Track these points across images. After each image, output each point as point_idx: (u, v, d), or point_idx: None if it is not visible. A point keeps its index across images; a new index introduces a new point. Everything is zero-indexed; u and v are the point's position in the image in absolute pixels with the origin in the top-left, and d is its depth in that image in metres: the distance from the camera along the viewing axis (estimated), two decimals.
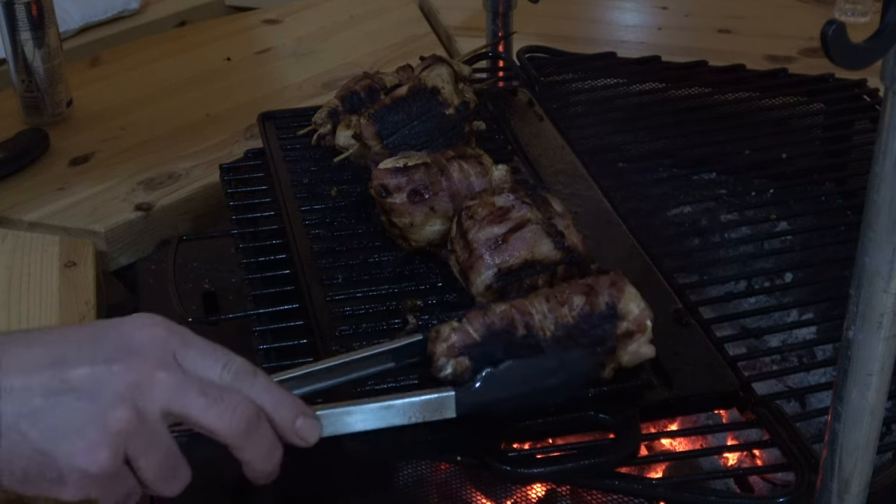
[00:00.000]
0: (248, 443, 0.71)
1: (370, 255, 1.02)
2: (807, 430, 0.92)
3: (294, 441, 0.73)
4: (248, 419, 0.70)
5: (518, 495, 0.98)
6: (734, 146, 1.30)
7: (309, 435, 0.73)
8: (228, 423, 0.70)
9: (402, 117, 1.07)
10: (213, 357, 0.71)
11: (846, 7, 1.63)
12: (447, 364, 0.80)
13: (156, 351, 0.70)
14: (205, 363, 0.71)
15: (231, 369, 0.71)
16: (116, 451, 0.67)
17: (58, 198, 1.31)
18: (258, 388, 0.72)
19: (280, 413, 0.72)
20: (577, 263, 0.92)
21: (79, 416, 0.67)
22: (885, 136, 0.64)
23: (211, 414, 0.69)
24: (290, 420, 0.72)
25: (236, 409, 0.70)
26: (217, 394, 0.70)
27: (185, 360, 0.70)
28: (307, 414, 0.74)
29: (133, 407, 0.67)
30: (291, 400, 0.73)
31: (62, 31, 1.49)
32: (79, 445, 0.67)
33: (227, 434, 0.70)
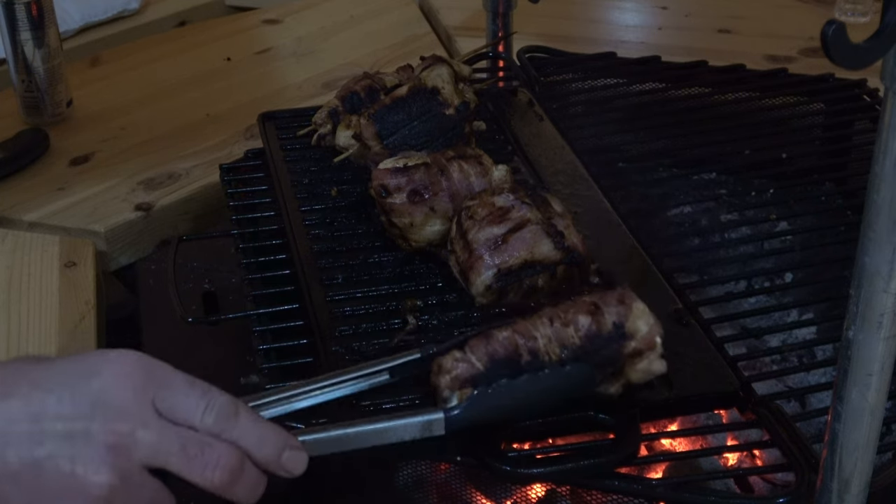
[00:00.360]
0: (233, 489, 0.71)
1: (370, 255, 1.02)
2: (807, 430, 0.92)
3: (280, 475, 0.73)
4: (231, 470, 0.70)
5: (518, 495, 0.98)
6: (734, 146, 1.30)
7: (295, 468, 0.73)
8: (210, 478, 0.69)
9: (402, 117, 1.07)
10: (194, 400, 0.70)
11: (846, 7, 1.63)
12: (452, 396, 0.80)
13: (134, 405, 0.69)
14: (185, 407, 0.70)
15: (212, 412, 0.70)
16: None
17: (58, 198, 1.31)
18: (240, 430, 0.71)
19: (264, 451, 0.72)
20: (577, 263, 0.92)
21: (61, 481, 0.66)
22: (885, 136, 0.64)
23: (193, 471, 0.69)
24: (275, 456, 0.72)
25: (217, 462, 0.69)
26: (198, 449, 0.69)
27: (164, 406, 0.69)
28: (292, 446, 0.73)
29: (114, 469, 0.67)
30: (275, 435, 0.72)
31: (62, 31, 1.48)
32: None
33: (210, 488, 0.70)
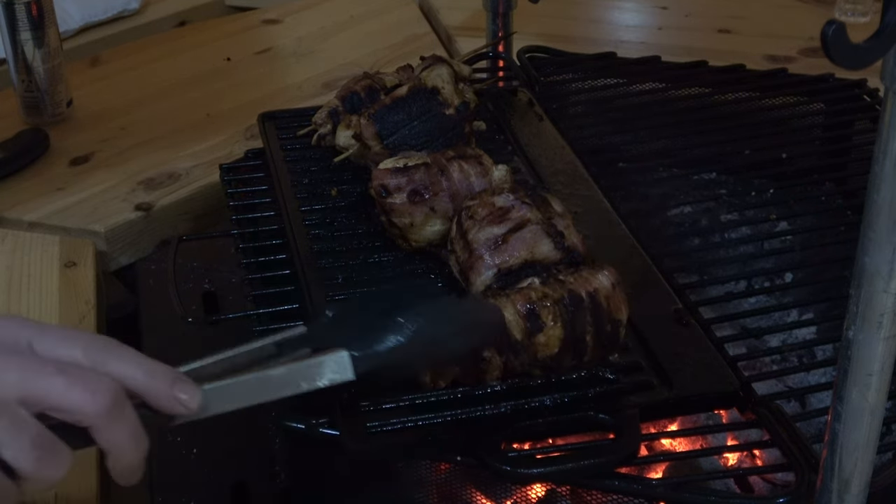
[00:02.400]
0: (113, 425, 0.65)
1: (370, 255, 1.02)
2: (807, 430, 0.92)
3: (175, 408, 0.68)
4: (114, 396, 0.65)
5: (518, 495, 0.98)
6: (734, 146, 1.30)
7: (189, 400, 0.68)
8: (91, 401, 0.64)
9: (402, 117, 1.07)
10: (73, 339, 0.67)
11: (846, 7, 1.63)
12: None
13: (8, 338, 0.66)
14: (64, 345, 0.66)
15: (94, 345, 0.67)
16: None
17: (58, 198, 1.31)
18: (126, 361, 0.67)
19: (155, 382, 0.67)
20: (577, 263, 0.92)
21: None
22: (885, 136, 0.64)
23: (73, 393, 0.64)
24: (166, 388, 0.67)
25: (98, 387, 0.64)
26: (78, 373, 0.65)
27: (43, 346, 0.66)
28: (184, 380, 0.68)
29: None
30: (165, 369, 0.68)
31: (62, 31, 1.48)
32: None
33: (90, 413, 0.64)
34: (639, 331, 0.90)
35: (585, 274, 0.83)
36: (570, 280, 0.83)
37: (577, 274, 0.83)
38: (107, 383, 0.65)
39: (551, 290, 0.82)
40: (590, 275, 0.83)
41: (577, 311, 0.82)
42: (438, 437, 0.82)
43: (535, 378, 0.84)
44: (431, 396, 0.83)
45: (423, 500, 0.97)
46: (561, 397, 0.84)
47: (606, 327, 0.84)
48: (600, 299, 0.83)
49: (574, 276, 0.83)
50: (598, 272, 0.84)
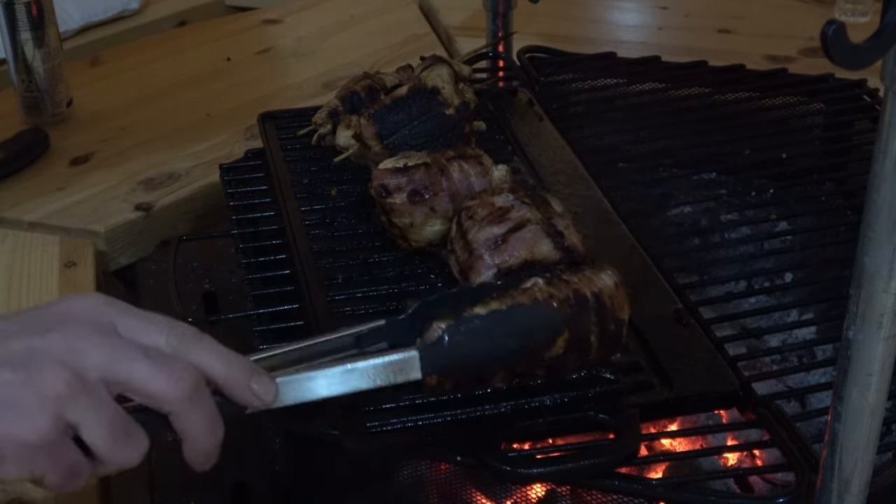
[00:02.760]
0: (192, 411, 0.67)
1: (370, 255, 1.02)
2: (807, 430, 0.92)
3: (250, 401, 0.70)
4: (195, 384, 0.66)
5: (518, 495, 0.98)
6: (734, 146, 1.30)
7: (265, 393, 0.70)
8: (174, 388, 0.65)
9: (402, 117, 1.07)
10: (157, 324, 0.68)
11: (846, 7, 1.63)
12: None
13: (93, 318, 0.67)
14: (148, 330, 0.67)
15: (177, 333, 0.68)
16: (55, 416, 0.63)
17: (58, 198, 1.31)
18: (207, 351, 0.68)
19: (232, 373, 0.69)
20: (577, 263, 0.92)
21: (13, 388, 0.63)
22: (885, 136, 0.64)
23: (156, 380, 0.65)
24: (244, 379, 0.69)
25: (182, 373, 0.66)
26: (162, 359, 0.66)
27: (126, 329, 0.67)
28: (261, 372, 0.70)
29: (69, 370, 0.64)
30: (243, 360, 0.70)
31: (62, 31, 1.48)
32: (14, 415, 0.63)
33: (172, 400, 0.66)
34: (639, 331, 0.90)
35: (589, 274, 0.83)
36: (574, 280, 0.83)
37: (581, 274, 0.83)
38: (188, 371, 0.66)
39: (556, 290, 0.82)
40: (593, 274, 0.83)
41: (582, 311, 0.82)
42: (438, 437, 0.82)
43: (536, 378, 0.84)
44: (431, 396, 0.83)
45: (423, 500, 0.97)
46: (561, 397, 0.84)
47: (610, 326, 0.84)
48: (604, 299, 0.83)
49: (578, 276, 0.83)
50: (601, 272, 0.84)
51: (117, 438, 0.65)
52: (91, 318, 0.67)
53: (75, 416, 0.64)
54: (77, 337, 0.65)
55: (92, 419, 0.64)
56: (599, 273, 0.84)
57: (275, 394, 0.70)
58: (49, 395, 0.63)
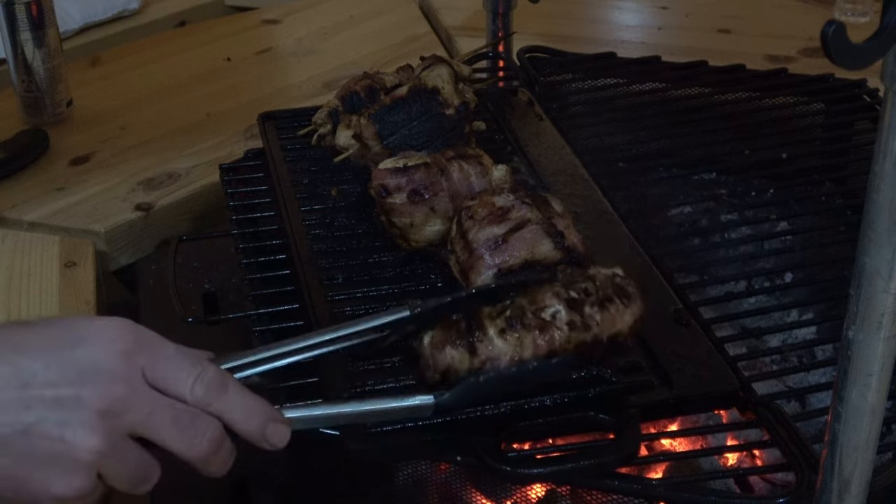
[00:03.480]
0: (211, 461, 0.72)
1: (370, 255, 1.02)
2: (807, 430, 0.92)
3: (264, 447, 0.74)
4: (216, 443, 0.71)
5: (518, 495, 0.98)
6: (734, 146, 1.30)
7: (279, 441, 0.74)
8: (197, 449, 0.71)
9: (402, 117, 1.07)
10: (184, 370, 0.71)
11: (846, 7, 1.63)
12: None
13: (123, 371, 0.69)
14: (175, 378, 0.70)
15: (202, 384, 0.71)
16: (90, 476, 0.68)
17: (58, 198, 1.31)
18: (229, 402, 0.72)
19: (250, 424, 0.73)
20: (578, 263, 0.92)
21: (50, 446, 0.67)
22: (885, 136, 0.64)
23: (181, 443, 0.70)
24: (260, 429, 0.73)
25: (205, 436, 0.71)
26: (188, 420, 0.70)
27: (155, 376, 0.70)
28: (276, 419, 0.74)
29: (104, 434, 0.67)
30: (261, 408, 0.73)
31: (62, 31, 1.48)
32: (53, 474, 0.67)
33: (192, 458, 0.71)
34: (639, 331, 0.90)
35: (613, 311, 0.83)
36: (596, 321, 0.82)
37: (605, 312, 0.83)
38: (210, 433, 0.71)
39: (577, 334, 0.82)
40: (617, 312, 0.83)
41: (595, 350, 0.83)
42: (438, 437, 0.82)
43: None
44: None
45: (423, 500, 0.97)
46: (561, 397, 0.84)
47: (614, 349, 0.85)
48: (620, 338, 0.84)
49: (602, 313, 0.82)
50: (627, 308, 0.84)
51: (137, 483, 0.71)
52: (122, 373, 0.69)
53: (106, 470, 0.69)
54: (109, 399, 0.68)
55: (118, 473, 0.69)
56: (624, 313, 0.83)
57: (286, 440, 0.74)
58: (84, 460, 0.67)
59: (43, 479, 0.67)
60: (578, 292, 0.83)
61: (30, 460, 0.67)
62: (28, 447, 0.67)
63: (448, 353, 0.81)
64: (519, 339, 0.81)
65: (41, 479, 0.67)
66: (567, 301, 0.82)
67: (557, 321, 0.81)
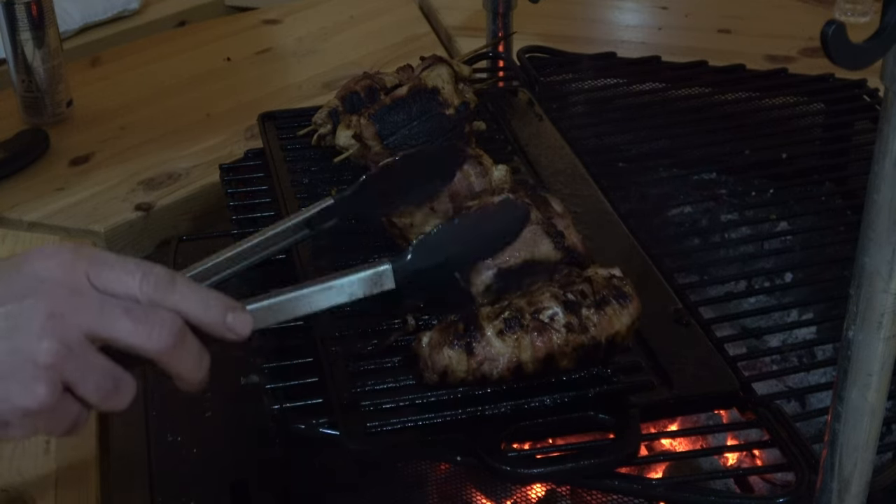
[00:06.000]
0: (177, 356, 0.70)
1: (370, 255, 1.02)
2: (807, 430, 0.92)
3: (227, 336, 0.72)
4: (176, 333, 0.69)
5: (518, 495, 0.98)
6: (734, 146, 1.30)
7: (241, 328, 0.72)
8: (157, 340, 0.68)
9: (402, 117, 1.07)
10: (129, 272, 0.69)
11: (846, 7, 1.63)
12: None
13: (66, 277, 0.68)
14: (122, 279, 0.69)
15: (150, 280, 0.69)
16: (52, 383, 0.66)
17: (58, 198, 1.31)
18: (180, 295, 0.70)
19: (208, 314, 0.71)
20: (578, 263, 0.92)
21: (5, 360, 0.66)
22: (885, 136, 0.64)
23: (139, 335, 0.68)
24: (219, 318, 0.71)
25: (163, 325, 0.69)
26: (142, 313, 0.68)
27: (100, 280, 0.69)
28: (236, 307, 0.72)
29: (56, 337, 0.66)
30: (217, 298, 0.72)
31: (62, 31, 1.48)
32: (13, 387, 0.66)
33: (156, 351, 0.69)
34: (639, 331, 0.90)
35: (610, 312, 0.83)
36: (593, 322, 0.83)
37: (602, 314, 0.83)
38: (168, 322, 0.69)
39: (574, 336, 0.82)
40: (614, 314, 0.83)
41: (595, 351, 0.83)
42: (438, 437, 0.82)
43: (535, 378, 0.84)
44: (431, 396, 0.83)
45: (423, 500, 0.97)
46: (561, 397, 0.84)
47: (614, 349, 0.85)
48: (618, 340, 0.84)
49: (599, 315, 0.83)
50: (625, 309, 0.84)
51: (108, 391, 0.69)
52: (64, 278, 0.68)
53: (70, 378, 0.67)
54: (55, 301, 0.67)
55: (83, 380, 0.67)
56: (621, 314, 0.84)
57: (250, 327, 0.73)
58: (41, 363, 0.66)
59: (4, 394, 0.66)
60: (575, 294, 0.83)
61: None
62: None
63: (446, 353, 0.81)
64: (517, 341, 0.81)
65: (3, 395, 0.66)
66: (564, 303, 0.82)
67: (555, 323, 0.82)
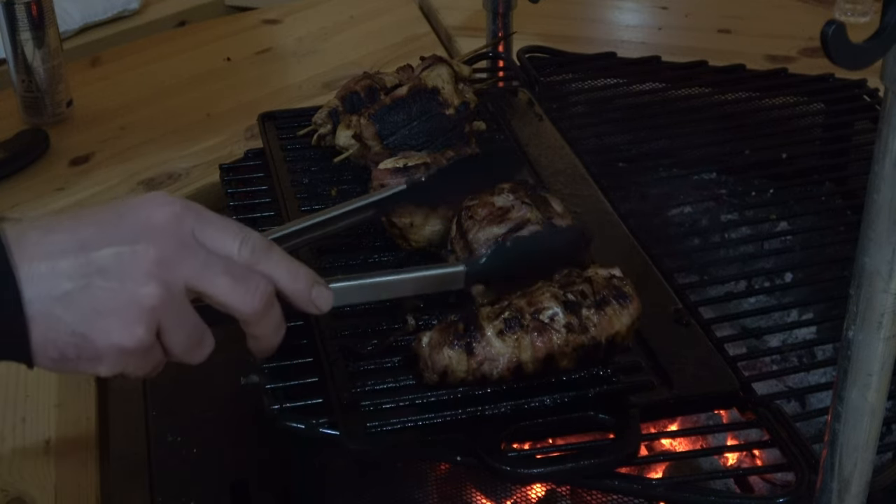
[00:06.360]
0: (263, 320, 0.74)
1: (370, 255, 1.02)
2: (807, 430, 0.92)
3: (310, 309, 0.77)
4: (267, 297, 0.73)
5: (518, 495, 0.98)
6: (734, 146, 1.30)
7: (323, 303, 0.77)
8: (250, 303, 0.72)
9: (402, 117, 1.07)
10: (231, 233, 0.74)
11: (846, 7, 1.63)
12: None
13: (175, 228, 0.71)
14: (223, 239, 0.73)
15: (248, 245, 0.74)
16: (150, 326, 0.70)
17: (58, 198, 1.31)
18: (274, 263, 0.75)
19: (297, 285, 0.76)
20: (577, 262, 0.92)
21: (111, 297, 0.69)
22: (885, 136, 0.64)
23: (235, 294, 0.72)
24: (305, 291, 0.76)
25: (257, 289, 0.73)
26: (240, 273, 0.72)
27: (204, 237, 0.72)
28: (320, 283, 0.77)
29: (161, 283, 0.70)
30: (305, 271, 0.77)
31: (62, 31, 1.48)
32: (115, 324, 0.69)
33: (247, 313, 0.73)
34: (639, 331, 0.90)
35: (610, 312, 0.83)
36: (593, 322, 0.83)
37: (602, 314, 0.83)
38: (262, 288, 0.73)
39: (574, 337, 0.82)
40: (614, 314, 0.83)
41: (595, 351, 0.84)
42: (438, 437, 0.82)
43: (535, 378, 0.84)
44: (431, 396, 0.83)
45: (423, 500, 0.97)
46: (561, 397, 0.84)
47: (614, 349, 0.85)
48: (618, 340, 0.84)
49: (599, 315, 0.83)
50: (625, 309, 0.84)
51: (193, 346, 0.73)
52: (173, 229, 0.71)
53: (165, 324, 0.71)
54: (164, 249, 0.70)
55: (177, 328, 0.72)
56: (621, 314, 0.84)
57: (331, 303, 0.78)
58: (145, 306, 0.69)
59: (105, 329, 0.69)
60: (576, 294, 0.83)
61: (93, 313, 0.69)
62: (90, 300, 0.69)
63: (446, 353, 0.81)
64: (517, 341, 0.81)
65: (103, 329, 0.69)
66: (565, 303, 0.82)
67: (555, 323, 0.82)
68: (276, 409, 0.83)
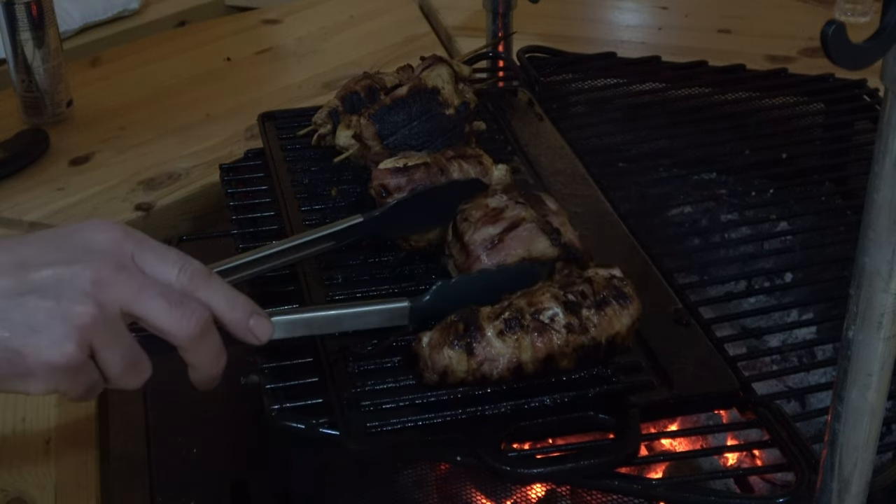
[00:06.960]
0: (199, 347, 0.74)
1: (370, 255, 1.02)
2: (807, 430, 0.92)
3: (248, 339, 0.77)
4: (203, 324, 0.74)
5: (518, 495, 0.98)
6: (734, 146, 1.30)
7: (262, 333, 0.77)
8: (185, 328, 0.73)
9: (402, 117, 1.07)
10: (170, 260, 0.74)
11: (846, 7, 1.63)
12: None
13: (115, 251, 0.73)
14: (162, 266, 0.74)
15: (187, 272, 0.74)
16: (82, 344, 0.71)
17: (58, 198, 1.31)
18: (212, 291, 0.75)
19: (234, 314, 0.76)
20: (575, 259, 0.92)
21: (44, 314, 0.70)
22: (885, 136, 0.64)
23: (170, 319, 0.73)
24: (243, 319, 0.76)
25: (193, 314, 0.73)
26: (177, 298, 0.73)
27: (144, 262, 0.73)
28: (260, 313, 0.78)
29: (95, 302, 0.70)
30: (244, 300, 0.77)
31: (62, 31, 1.48)
32: (45, 341, 0.70)
33: (181, 337, 0.73)
34: (639, 331, 0.90)
35: (610, 312, 0.83)
36: (592, 323, 0.83)
37: (602, 314, 0.83)
38: (198, 313, 0.74)
39: (573, 337, 0.82)
40: (613, 315, 0.83)
41: (595, 352, 0.83)
42: (438, 437, 0.82)
43: (535, 378, 0.84)
44: (431, 396, 0.83)
45: (423, 500, 0.97)
46: (561, 397, 0.84)
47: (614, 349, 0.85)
48: (618, 340, 0.84)
49: (599, 315, 0.83)
50: (625, 309, 0.84)
51: (127, 368, 0.73)
52: (113, 251, 0.73)
53: (97, 344, 0.71)
54: (101, 271, 0.71)
55: (110, 349, 0.72)
56: (621, 314, 0.84)
57: (270, 334, 0.78)
58: (77, 324, 0.70)
59: (37, 346, 0.70)
60: (576, 295, 0.83)
61: (26, 330, 0.70)
62: (24, 317, 0.70)
63: (446, 353, 0.81)
64: (517, 341, 0.81)
65: (35, 345, 0.70)
66: (565, 304, 0.82)
67: (555, 324, 0.82)
68: (276, 409, 0.83)
